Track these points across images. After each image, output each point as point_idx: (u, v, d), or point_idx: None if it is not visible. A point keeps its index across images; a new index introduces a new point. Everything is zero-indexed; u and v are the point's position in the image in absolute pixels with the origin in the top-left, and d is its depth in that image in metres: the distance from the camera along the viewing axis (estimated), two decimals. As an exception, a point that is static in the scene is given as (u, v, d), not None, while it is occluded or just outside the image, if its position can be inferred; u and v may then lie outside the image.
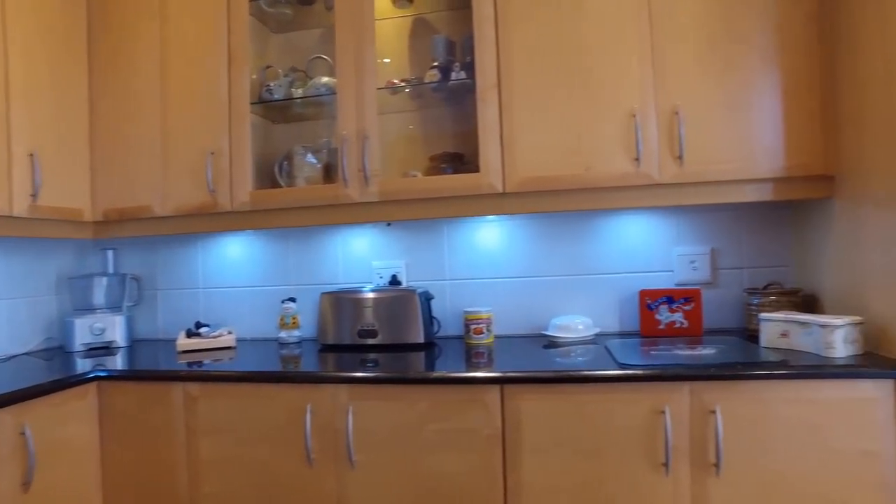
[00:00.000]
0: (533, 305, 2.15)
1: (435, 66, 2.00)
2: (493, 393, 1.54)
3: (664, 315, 1.96)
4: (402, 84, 2.05)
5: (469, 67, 1.93)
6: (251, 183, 2.03)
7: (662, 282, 2.07)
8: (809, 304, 1.87)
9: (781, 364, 1.44)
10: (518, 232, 2.17)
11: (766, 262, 2.03)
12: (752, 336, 1.83)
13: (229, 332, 2.18)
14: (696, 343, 1.78)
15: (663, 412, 1.46)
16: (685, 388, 1.47)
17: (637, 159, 1.75)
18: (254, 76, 2.12)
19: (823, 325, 1.50)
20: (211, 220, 2.08)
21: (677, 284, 2.05)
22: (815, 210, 1.82)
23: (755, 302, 1.87)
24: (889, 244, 1.45)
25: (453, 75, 1.97)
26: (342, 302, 2.05)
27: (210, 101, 2.03)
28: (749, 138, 1.72)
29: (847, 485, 1.42)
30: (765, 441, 1.44)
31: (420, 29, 2.23)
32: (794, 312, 1.68)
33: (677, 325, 1.95)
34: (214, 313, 2.42)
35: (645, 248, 2.08)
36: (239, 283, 2.40)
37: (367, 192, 1.92)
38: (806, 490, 1.43)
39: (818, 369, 1.41)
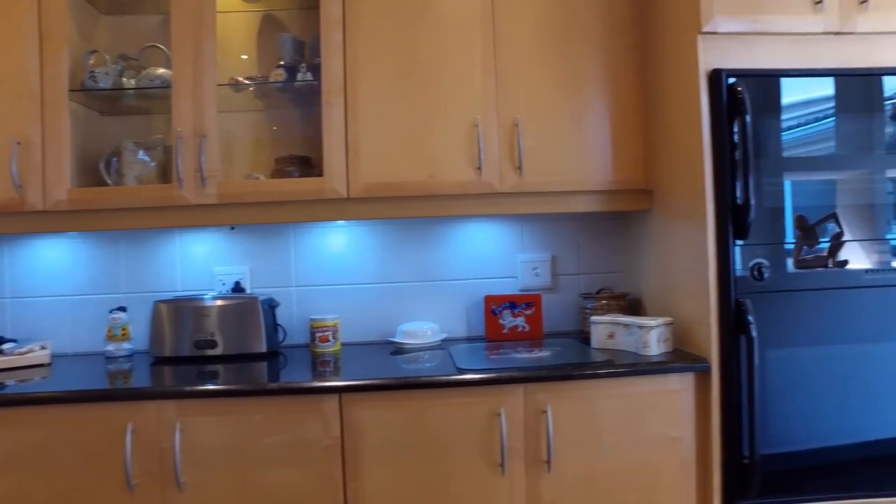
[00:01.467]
0: (381, 312, 2.14)
1: (281, 66, 1.93)
2: (332, 402, 1.50)
3: (507, 320, 2.04)
4: (246, 82, 1.96)
5: (316, 69, 1.88)
6: (70, 180, 1.82)
7: (507, 287, 2.15)
8: (634, 306, 2.04)
9: (604, 364, 1.55)
10: (367, 238, 2.15)
11: (600, 268, 2.18)
12: (586, 338, 1.96)
13: (42, 348, 1.93)
14: (535, 346, 1.87)
15: (499, 414, 1.51)
16: (519, 389, 1.53)
17: (479, 168, 1.80)
18: (75, 60, 1.91)
19: (641, 326, 1.64)
20: (18, 220, 1.83)
21: (521, 290, 2.14)
22: (639, 221, 2.00)
23: (589, 306, 2.00)
24: (691, 252, 1.62)
25: (300, 76, 1.91)
26: (179, 311, 1.90)
27: (15, 83, 1.79)
28: (582, 153, 1.85)
29: (657, 467, 1.56)
30: (591, 435, 1.54)
31: (269, 26, 2.15)
32: (619, 315, 1.81)
33: (520, 329, 2.03)
34: (25, 326, 2.13)
35: (491, 255, 2.15)
36: (58, 291, 2.14)
37: (203, 193, 1.80)
38: (625, 476, 1.55)
39: (634, 367, 1.53)
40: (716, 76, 1.54)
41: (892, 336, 1.60)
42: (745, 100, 1.50)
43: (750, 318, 1.49)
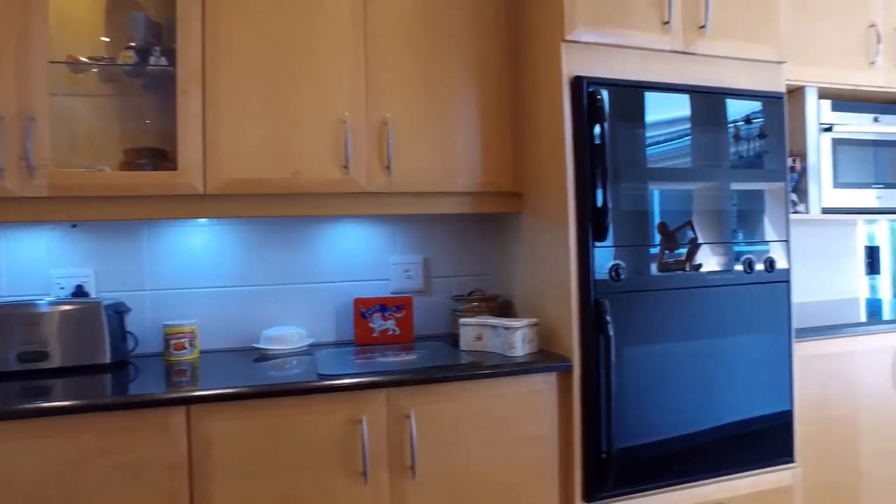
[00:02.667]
0: (245, 317, 2.01)
1: (132, 47, 1.76)
2: (178, 416, 1.37)
3: (378, 323, 1.99)
4: (87, 61, 1.76)
5: (172, 54, 1.73)
6: None
7: (379, 290, 2.10)
8: (506, 308, 2.07)
9: (467, 366, 1.54)
10: (229, 238, 2.01)
11: (474, 270, 2.19)
12: (457, 340, 1.95)
13: None
14: (404, 349, 1.83)
15: (360, 421, 1.45)
16: (381, 395, 1.48)
17: (346, 167, 1.74)
18: None
19: (507, 328, 1.66)
20: None
21: (392, 292, 2.10)
22: (510, 223, 2.02)
23: (460, 308, 2.00)
24: (555, 254, 1.66)
25: (153, 60, 1.74)
26: (1, 319, 1.66)
27: None
28: (452, 154, 1.84)
29: (522, 467, 1.58)
30: (456, 438, 1.52)
31: (121, 2, 1.95)
32: (488, 317, 1.82)
33: (390, 333, 1.99)
34: None
35: (362, 257, 2.10)
36: None
37: (31, 185, 1.59)
38: (490, 478, 1.55)
39: (497, 368, 1.54)
40: (577, 83, 1.59)
41: (733, 330, 1.74)
42: (603, 107, 1.56)
43: (608, 317, 1.55)
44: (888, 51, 2.22)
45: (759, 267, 1.77)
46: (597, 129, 1.56)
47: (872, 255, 3.62)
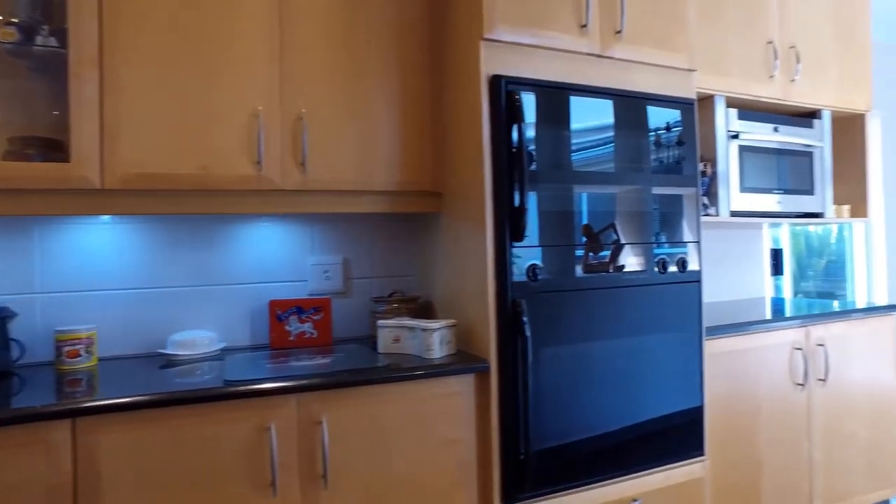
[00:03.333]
0: (151, 321, 1.88)
1: (13, 24, 1.60)
2: (61, 431, 1.25)
3: (294, 326, 1.91)
4: (-36, 40, 1.59)
5: (63, 34, 1.59)
6: None
7: (297, 291, 2.02)
8: (427, 310, 2.04)
9: (382, 369, 1.50)
10: (135, 236, 1.88)
11: (395, 271, 2.15)
12: (376, 343, 1.90)
13: None
14: (321, 353, 1.77)
15: (269, 429, 1.38)
16: (292, 400, 1.41)
17: (259, 163, 1.66)
18: None
19: (424, 329, 1.63)
20: None
21: (311, 294, 2.02)
22: (431, 223, 2.00)
23: (380, 309, 1.95)
24: (473, 254, 1.65)
25: (40, 40, 1.60)
26: None
27: None
28: (371, 152, 1.79)
29: (438, 471, 1.54)
30: (371, 444, 1.47)
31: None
32: (406, 318, 1.79)
33: (307, 336, 1.92)
34: None
35: (279, 257, 2.01)
36: None
37: None
38: (406, 483, 1.51)
39: (412, 371, 1.50)
40: (496, 82, 1.58)
41: (648, 329, 1.78)
42: (521, 107, 1.56)
43: (524, 318, 1.55)
44: (784, 67, 2.35)
45: (673, 268, 1.82)
46: (515, 130, 1.56)
47: (777, 257, 3.85)
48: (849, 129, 2.66)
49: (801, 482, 2.18)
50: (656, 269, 1.79)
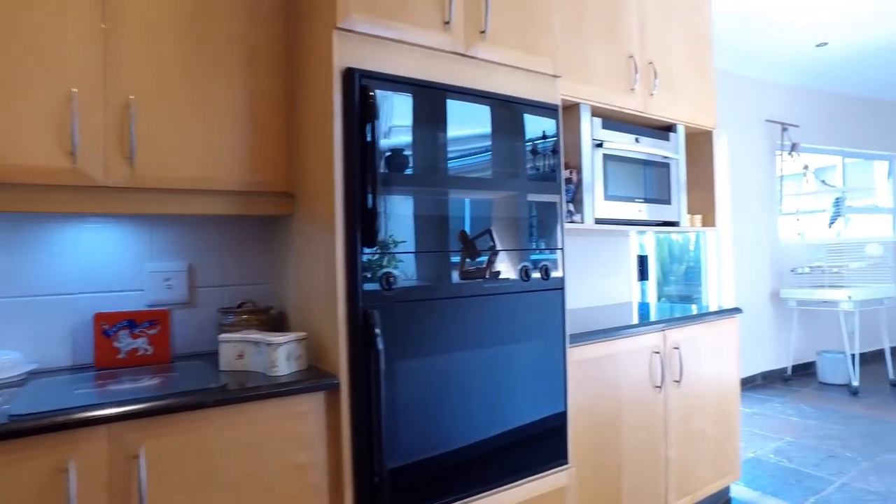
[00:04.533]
0: (-66, 340, 1.57)
1: None
2: None
3: (125, 342, 1.68)
4: None
5: None
6: None
7: (133, 303, 1.78)
8: (280, 321, 1.87)
9: (217, 390, 1.33)
10: (-83, 239, 1.56)
11: (247, 278, 1.96)
12: (223, 358, 1.72)
13: None
14: (155, 372, 1.56)
15: (66, 470, 1.16)
16: (102, 432, 1.21)
17: (73, 154, 1.43)
18: None
19: (269, 344, 1.47)
20: None
21: (150, 305, 1.79)
22: (284, 226, 1.84)
23: (228, 321, 1.77)
24: (323, 261, 1.52)
25: None
26: None
27: None
28: (215, 148, 1.62)
29: (285, 499, 1.39)
30: (202, 478, 1.30)
31: None
32: (251, 331, 1.62)
33: (141, 353, 1.69)
34: None
35: (110, 264, 1.76)
36: None
37: None
38: (242, 521, 1.34)
39: (250, 391, 1.35)
40: (349, 75, 1.46)
41: (510, 338, 1.73)
42: (376, 103, 1.46)
43: (377, 329, 1.44)
44: (643, 81, 2.45)
45: (536, 275, 1.79)
46: (372, 126, 1.45)
47: (643, 263, 4.05)
48: (699, 145, 2.83)
49: (658, 481, 2.25)
50: (519, 277, 1.75)
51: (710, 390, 2.47)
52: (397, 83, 1.54)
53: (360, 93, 1.46)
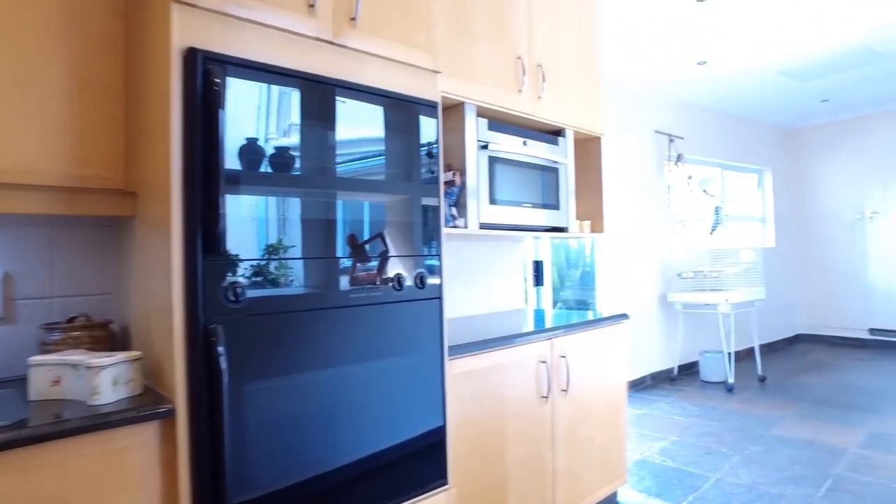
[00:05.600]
0: None
1: None
2: None
3: (-90, 368, 1.38)
4: None
5: None
6: None
7: (-73, 319, 1.48)
8: (123, 338, 1.63)
9: (8, 427, 1.09)
10: None
11: (86, 289, 1.70)
12: (46, 383, 1.45)
13: None
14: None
15: None
16: None
17: None
18: None
19: (88, 367, 1.25)
20: None
21: (-49, 322, 1.50)
22: (128, 229, 1.61)
23: (53, 339, 1.51)
24: (160, 269, 1.31)
25: None
26: None
27: None
28: (36, 134, 1.37)
29: (99, 560, 1.17)
30: (-15, 536, 1.06)
31: None
32: (80, 351, 1.38)
33: (-67, 380, 1.40)
34: None
35: None
36: None
37: None
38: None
39: (54, 427, 1.12)
40: (191, 57, 1.27)
41: (381, 353, 1.60)
42: (222, 90, 1.28)
43: (220, 348, 1.25)
44: (531, 82, 2.41)
45: (410, 284, 1.67)
46: (217, 116, 1.27)
47: (538, 268, 4.06)
48: (588, 150, 2.84)
49: (545, 492, 2.20)
50: (391, 286, 1.62)
51: (597, 397, 2.46)
52: (252, 70, 1.36)
53: (204, 78, 1.28)
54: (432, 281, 1.73)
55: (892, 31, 4.09)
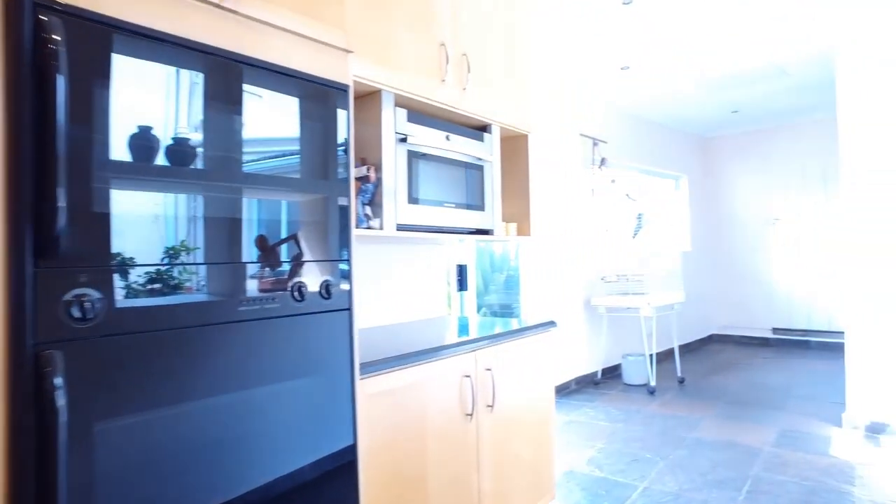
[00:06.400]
0: None
1: None
2: None
3: None
4: None
5: None
6: None
7: None
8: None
9: None
10: None
11: None
12: None
13: None
14: None
15: None
16: None
17: None
18: None
19: None
20: None
21: None
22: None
23: None
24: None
25: None
26: None
27: None
28: None
29: None
30: None
31: None
32: None
33: None
34: None
35: None
36: None
37: None
38: None
39: None
40: (17, 5, 0.99)
41: (276, 375, 1.36)
42: (59, 51, 1.00)
43: (56, 380, 0.98)
44: (456, 73, 2.23)
45: (314, 293, 1.44)
46: (53, 84, 0.99)
47: (462, 272, 3.90)
48: (515, 149, 2.70)
49: (470, 518, 2.02)
50: (292, 297, 1.38)
51: (525, 411, 2.31)
52: (110, 28, 1.09)
53: (35, 32, 1.00)
54: (340, 290, 1.50)
55: (797, 50, 4.26)
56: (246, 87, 1.32)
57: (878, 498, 2.70)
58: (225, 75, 1.28)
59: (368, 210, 1.87)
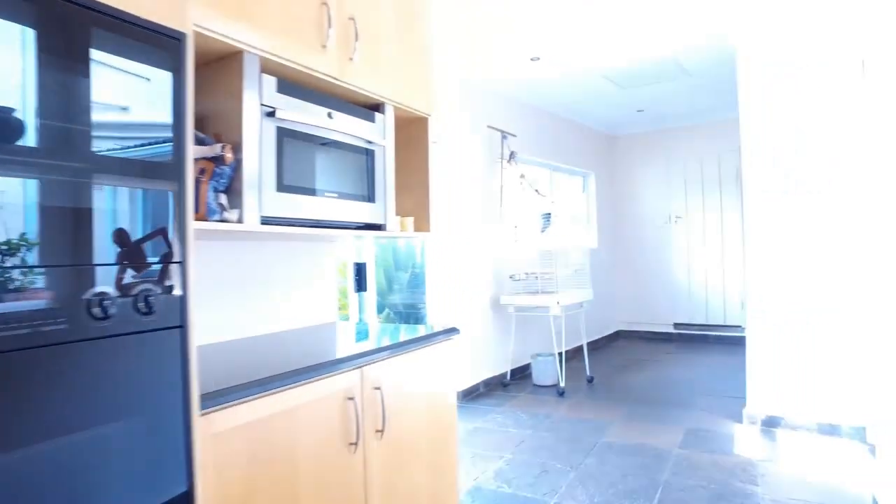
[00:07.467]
0: None
1: None
2: None
3: None
4: None
5: None
6: None
7: None
8: None
9: None
10: None
11: None
12: None
13: None
14: None
15: None
16: None
17: None
18: None
19: None
20: None
21: None
22: None
23: None
24: None
25: None
26: None
27: None
28: None
29: None
30: None
31: None
32: None
33: None
34: None
35: None
36: None
37: None
38: None
39: None
40: None
41: (73, 424, 0.98)
42: None
43: None
44: (341, 39, 1.89)
45: (124, 308, 1.07)
46: None
47: (360, 271, 3.55)
48: (412, 133, 2.39)
49: (356, 566, 1.70)
50: (89, 314, 1.00)
51: (423, 432, 2.02)
52: None
53: None
54: (167, 301, 1.14)
55: (697, 50, 4.26)
56: (48, 30, 0.93)
57: (779, 497, 2.67)
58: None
59: (224, 199, 1.50)
